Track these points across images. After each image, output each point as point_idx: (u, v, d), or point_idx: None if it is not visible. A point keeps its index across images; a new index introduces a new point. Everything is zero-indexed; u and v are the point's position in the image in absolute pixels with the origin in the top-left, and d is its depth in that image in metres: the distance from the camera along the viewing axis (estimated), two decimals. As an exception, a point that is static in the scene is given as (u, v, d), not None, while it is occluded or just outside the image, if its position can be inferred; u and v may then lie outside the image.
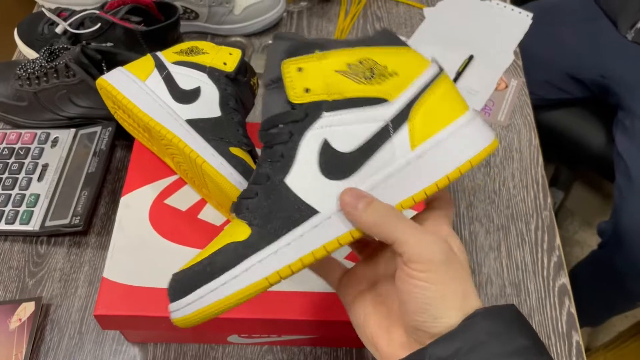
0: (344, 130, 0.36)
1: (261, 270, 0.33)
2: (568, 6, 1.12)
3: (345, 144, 0.35)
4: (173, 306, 0.35)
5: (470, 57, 0.82)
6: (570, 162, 1.34)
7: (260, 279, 0.33)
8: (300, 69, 0.36)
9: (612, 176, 1.03)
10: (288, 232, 0.34)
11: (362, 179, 0.35)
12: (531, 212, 0.68)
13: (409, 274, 0.32)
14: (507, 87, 0.80)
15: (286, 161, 0.35)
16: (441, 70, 0.38)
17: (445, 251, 0.33)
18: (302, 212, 0.34)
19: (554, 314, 0.60)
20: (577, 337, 0.59)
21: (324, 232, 0.34)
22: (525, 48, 0.85)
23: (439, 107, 0.37)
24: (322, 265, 0.41)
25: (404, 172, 0.36)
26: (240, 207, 0.36)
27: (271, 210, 0.35)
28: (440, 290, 0.32)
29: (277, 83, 0.37)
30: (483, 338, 0.30)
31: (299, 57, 0.36)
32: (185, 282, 0.34)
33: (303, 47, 0.36)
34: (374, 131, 0.36)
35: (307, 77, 0.36)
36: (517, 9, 0.88)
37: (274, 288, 0.49)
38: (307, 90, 0.36)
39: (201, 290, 0.34)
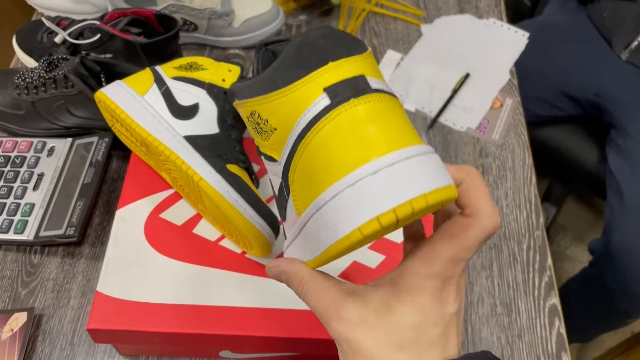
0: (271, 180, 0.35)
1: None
2: (563, 25, 1.14)
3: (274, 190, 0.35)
4: None
5: (467, 75, 0.83)
6: (564, 178, 1.35)
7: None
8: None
9: (604, 194, 1.04)
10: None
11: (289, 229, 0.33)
12: (523, 231, 0.68)
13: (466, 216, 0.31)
14: (502, 105, 0.80)
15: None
16: (345, 99, 0.28)
17: (498, 224, 0.31)
18: None
19: (544, 334, 0.61)
20: (566, 358, 0.59)
21: None
22: (521, 65, 0.86)
23: (317, 161, 0.28)
24: None
25: (302, 240, 0.31)
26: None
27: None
28: (395, 343, 0.30)
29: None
30: None
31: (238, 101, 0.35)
32: None
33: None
34: (278, 190, 0.33)
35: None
36: (513, 28, 0.89)
37: (267, 305, 0.50)
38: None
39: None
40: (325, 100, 0.28)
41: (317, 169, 0.28)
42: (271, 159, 0.32)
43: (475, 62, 0.84)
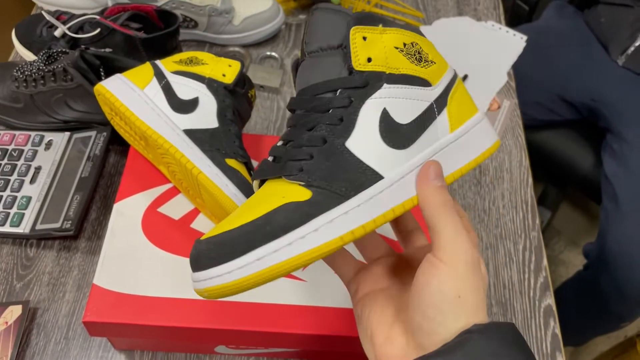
0: (401, 103, 0.38)
1: (333, 230, 0.33)
2: (561, 29, 1.14)
3: (402, 116, 0.37)
4: (213, 272, 0.32)
5: (465, 77, 0.83)
6: (559, 183, 1.36)
7: (335, 237, 0.33)
8: (365, 38, 0.37)
9: (599, 198, 1.05)
10: (356, 194, 0.34)
11: (417, 151, 0.37)
12: (519, 232, 0.69)
13: (432, 264, 0.33)
14: (499, 107, 0.81)
15: (346, 125, 0.36)
16: (456, 74, 0.43)
17: (473, 257, 0.33)
18: (367, 175, 0.35)
19: (539, 335, 0.61)
20: (560, 358, 0.60)
21: (390, 198, 0.35)
22: (518, 68, 0.86)
23: (465, 99, 0.41)
24: (338, 257, 0.42)
25: (442, 152, 0.38)
26: (289, 169, 0.35)
27: (332, 171, 0.35)
28: (456, 289, 0.32)
29: (326, 51, 0.38)
30: (482, 357, 0.30)
31: (366, 26, 0.38)
32: (232, 244, 0.32)
33: (367, 19, 0.38)
34: (423, 109, 0.38)
35: (370, 47, 0.38)
36: (511, 31, 0.90)
37: (263, 300, 0.50)
38: (369, 60, 0.37)
39: (260, 251, 0.31)
40: (452, 68, 0.43)
41: (466, 101, 0.41)
42: (425, 84, 0.39)
43: (473, 64, 0.85)
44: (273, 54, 0.83)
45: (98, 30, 0.68)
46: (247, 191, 0.48)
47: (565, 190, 1.39)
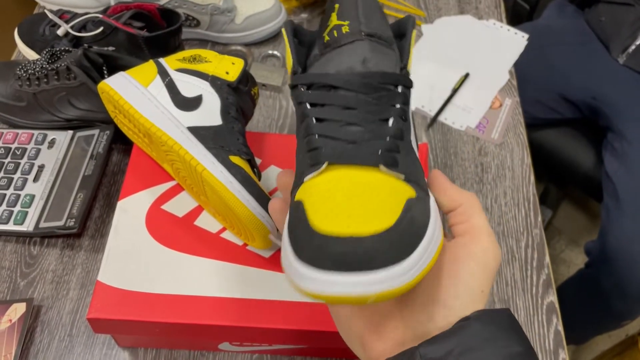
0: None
1: (438, 225, 0.33)
2: (562, 28, 1.15)
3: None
4: (396, 270, 0.29)
5: (466, 75, 0.83)
6: (559, 181, 1.36)
7: (441, 235, 0.33)
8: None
9: (600, 197, 1.05)
10: (429, 192, 0.35)
11: None
12: (522, 229, 0.69)
13: (468, 254, 0.34)
14: (501, 105, 0.81)
15: (408, 123, 0.36)
16: None
17: (500, 260, 0.35)
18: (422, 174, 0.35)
19: (541, 331, 0.61)
20: (563, 354, 0.60)
21: None
22: (519, 67, 0.86)
23: None
24: None
25: None
26: (387, 159, 0.33)
27: (415, 170, 0.34)
28: (482, 285, 0.33)
29: (385, 42, 0.37)
30: (476, 342, 0.30)
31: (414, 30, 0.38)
32: (401, 242, 0.29)
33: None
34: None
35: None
36: (512, 30, 0.90)
37: (266, 297, 0.50)
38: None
39: (421, 248, 0.30)
40: None
41: None
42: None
43: (475, 63, 0.85)
44: (275, 52, 0.84)
45: (101, 29, 0.68)
46: (251, 188, 0.48)
47: (566, 188, 1.40)
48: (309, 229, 0.30)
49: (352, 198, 0.31)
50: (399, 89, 0.35)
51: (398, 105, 0.35)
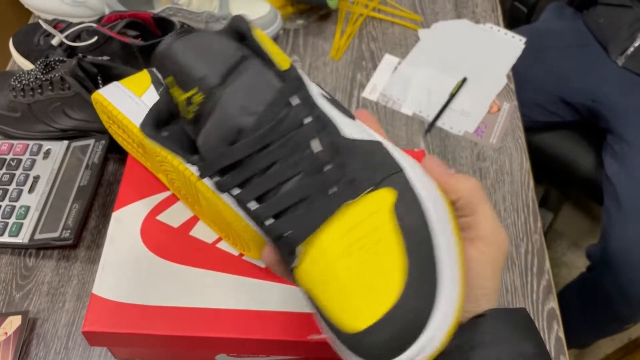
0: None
1: (433, 193, 0.31)
2: (560, 31, 1.14)
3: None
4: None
5: (464, 80, 0.83)
6: (560, 184, 1.35)
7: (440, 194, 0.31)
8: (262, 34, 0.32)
9: (601, 199, 1.04)
10: (398, 161, 0.32)
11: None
12: (521, 235, 0.68)
13: (477, 250, 0.32)
14: (499, 110, 0.80)
15: (328, 121, 0.31)
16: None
17: (508, 246, 0.33)
18: (377, 145, 0.32)
19: (542, 338, 0.60)
20: (565, 361, 0.59)
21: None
22: (517, 70, 0.86)
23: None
24: None
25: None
26: (351, 188, 0.30)
27: (367, 162, 0.31)
28: (492, 281, 0.32)
29: (238, 68, 0.31)
30: (486, 339, 0.30)
31: (249, 23, 0.32)
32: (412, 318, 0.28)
33: (240, 20, 0.33)
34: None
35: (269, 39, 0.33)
36: (510, 33, 0.90)
37: (263, 308, 0.49)
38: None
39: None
40: None
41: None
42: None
43: (472, 67, 0.84)
44: (271, 59, 0.83)
45: (95, 38, 0.68)
46: (246, 198, 0.48)
47: (566, 191, 1.39)
48: (336, 329, 0.30)
49: (351, 279, 0.29)
50: (293, 101, 0.31)
51: (308, 119, 0.30)
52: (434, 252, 0.29)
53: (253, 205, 0.31)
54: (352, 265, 0.29)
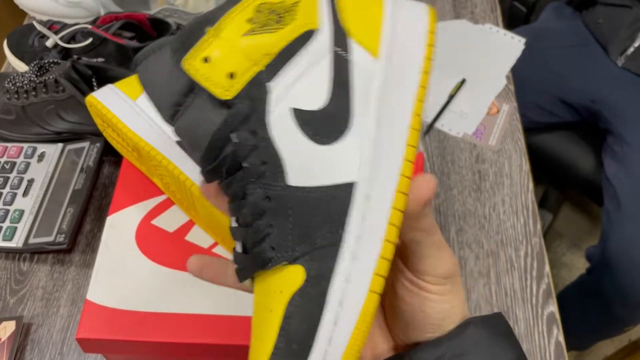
0: (302, 86, 0.29)
1: (358, 287, 0.25)
2: (559, 31, 1.14)
3: (315, 98, 0.28)
4: None
5: (463, 81, 0.82)
6: (560, 185, 1.35)
7: (365, 294, 0.25)
8: (206, 59, 0.28)
9: (600, 200, 1.04)
10: (345, 225, 0.26)
11: (364, 113, 0.28)
12: (521, 238, 0.67)
13: (422, 287, 0.31)
14: (498, 111, 0.80)
15: (273, 164, 0.27)
16: None
17: (455, 265, 0.31)
18: (339, 195, 0.26)
19: (542, 343, 0.60)
20: (565, 366, 0.58)
21: (380, 198, 0.27)
22: (517, 71, 0.85)
23: (359, 5, 0.32)
24: None
25: (392, 83, 0.30)
26: (262, 257, 0.27)
27: (302, 226, 0.26)
28: (449, 303, 0.31)
29: (186, 101, 0.28)
30: (467, 348, 0.30)
31: (194, 47, 0.28)
32: None
33: (189, 35, 0.28)
34: (330, 67, 0.29)
35: (221, 61, 0.28)
36: (509, 34, 0.89)
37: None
38: (231, 76, 0.28)
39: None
40: None
41: (364, 7, 0.31)
42: (307, 37, 0.29)
43: (471, 68, 0.84)
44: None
45: (90, 39, 0.67)
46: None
47: (566, 192, 1.39)
48: None
49: (254, 324, 0.28)
50: (234, 138, 0.27)
51: (246, 162, 0.27)
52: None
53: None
54: (256, 317, 0.28)
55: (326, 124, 0.28)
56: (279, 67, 0.28)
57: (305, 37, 0.29)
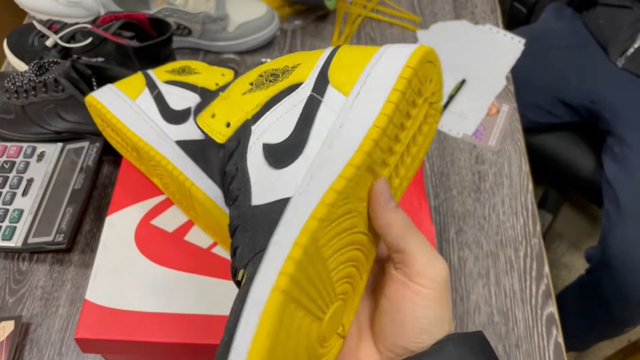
0: (276, 125, 0.36)
1: (265, 286, 0.28)
2: (559, 31, 1.14)
3: (281, 132, 0.35)
4: None
5: (463, 81, 0.82)
6: (559, 185, 1.35)
7: (270, 292, 0.28)
8: (213, 115, 0.38)
9: (600, 201, 1.04)
10: (273, 234, 0.30)
11: (318, 140, 0.34)
12: (520, 238, 0.67)
13: (413, 291, 0.32)
14: (498, 112, 0.80)
15: (244, 189, 0.34)
16: (335, 48, 0.39)
17: (447, 272, 0.32)
18: (277, 208, 0.31)
19: (541, 344, 0.60)
20: (564, 367, 0.58)
21: (307, 206, 0.30)
22: (516, 71, 0.85)
23: (351, 58, 0.37)
24: None
25: (353, 113, 0.34)
26: (234, 268, 0.32)
27: (252, 236, 0.31)
28: (440, 311, 0.32)
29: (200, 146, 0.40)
30: None
31: (207, 107, 0.39)
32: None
33: (208, 99, 0.40)
34: (302, 107, 0.35)
35: (222, 115, 0.38)
36: (509, 34, 0.89)
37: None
38: (228, 125, 0.37)
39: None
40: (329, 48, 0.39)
41: (353, 55, 0.37)
42: (293, 88, 0.36)
43: (471, 68, 0.84)
44: (268, 60, 0.83)
45: (90, 39, 0.67)
46: (241, 203, 0.47)
47: (566, 193, 1.38)
48: None
49: None
50: (226, 171, 0.36)
51: (226, 190, 0.37)
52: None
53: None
54: None
55: (284, 152, 0.34)
56: (263, 113, 0.36)
57: (291, 89, 0.36)
